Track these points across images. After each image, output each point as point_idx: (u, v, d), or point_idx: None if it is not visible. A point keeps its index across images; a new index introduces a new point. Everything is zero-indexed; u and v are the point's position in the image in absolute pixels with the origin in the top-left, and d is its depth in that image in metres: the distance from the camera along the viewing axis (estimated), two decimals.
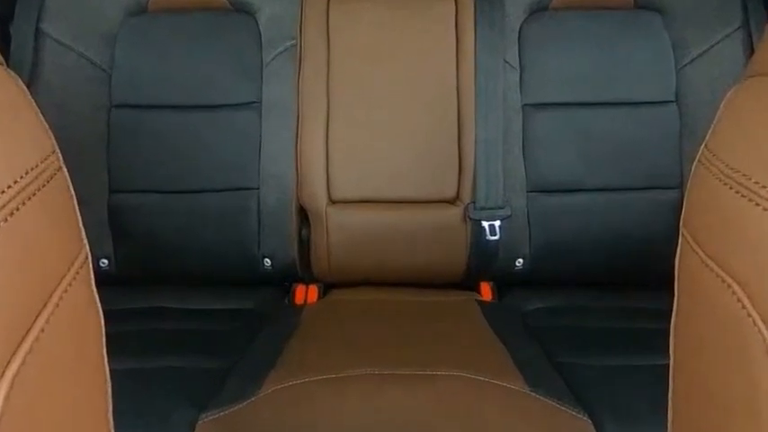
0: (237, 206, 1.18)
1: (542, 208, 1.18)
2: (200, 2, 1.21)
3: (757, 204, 0.30)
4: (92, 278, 0.35)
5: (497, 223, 1.16)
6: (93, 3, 1.19)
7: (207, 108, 1.18)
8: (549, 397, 0.84)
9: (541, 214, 1.18)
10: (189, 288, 1.19)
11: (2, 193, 0.25)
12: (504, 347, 0.96)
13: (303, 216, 1.21)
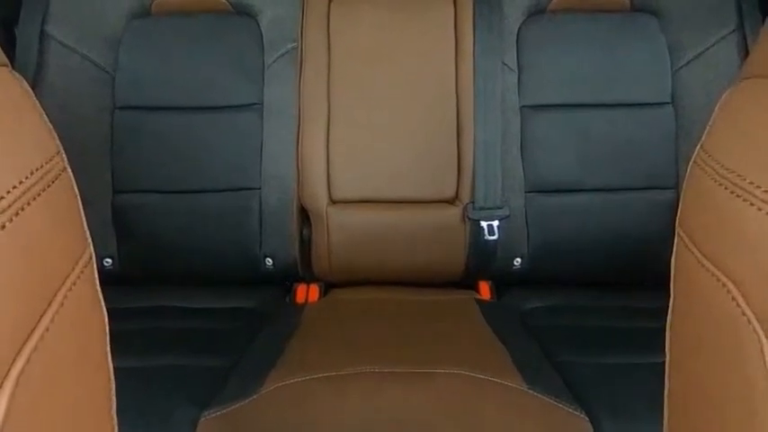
0: (239, 206, 1.18)
1: (540, 208, 1.18)
2: (202, 5, 1.21)
3: (752, 204, 0.30)
4: (96, 277, 0.35)
5: (496, 223, 1.16)
6: (96, 6, 1.19)
7: (209, 109, 1.18)
8: (547, 395, 0.85)
9: (539, 214, 1.18)
10: (191, 287, 1.19)
11: (7, 194, 0.25)
12: (502, 346, 0.96)
13: (304, 216, 1.21)
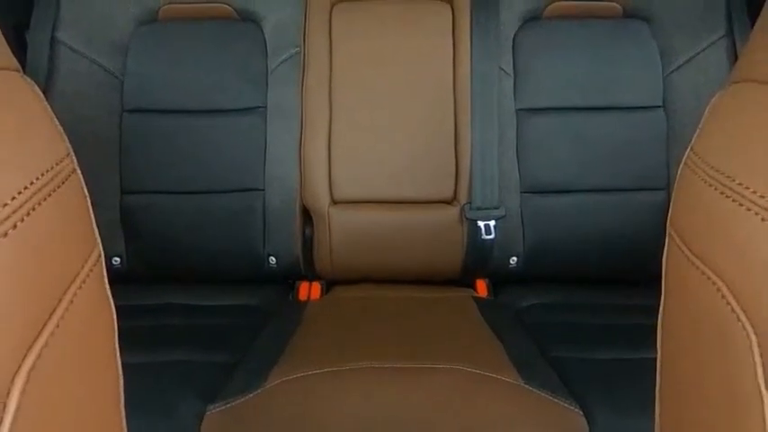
0: (244, 206, 1.18)
1: (535, 208, 1.18)
2: (208, 12, 1.21)
3: (741, 205, 0.30)
4: (104, 275, 0.35)
5: (492, 223, 1.16)
6: (105, 12, 1.19)
7: (214, 113, 1.18)
8: (543, 390, 0.84)
9: (534, 214, 1.18)
10: (197, 285, 1.19)
11: (18, 194, 0.25)
12: (499, 342, 0.96)
13: (306, 216, 1.21)
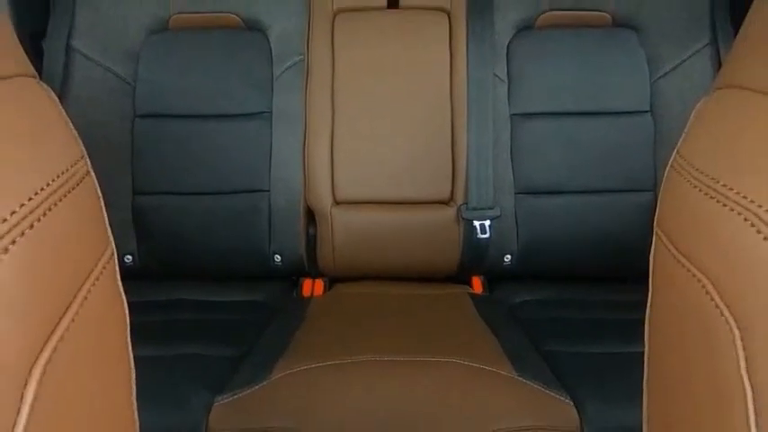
0: (250, 207, 1.18)
1: (529, 208, 1.18)
2: (215, 21, 1.20)
3: (725, 206, 0.30)
4: (117, 273, 0.35)
5: (487, 222, 1.15)
6: (118, 22, 1.19)
7: (222, 117, 1.18)
8: (535, 382, 0.84)
9: (528, 214, 1.18)
10: (205, 282, 1.19)
11: (35, 195, 0.25)
12: (494, 337, 0.96)
13: (310, 216, 1.21)
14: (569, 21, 1.20)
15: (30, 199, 0.25)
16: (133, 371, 0.36)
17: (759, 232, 0.27)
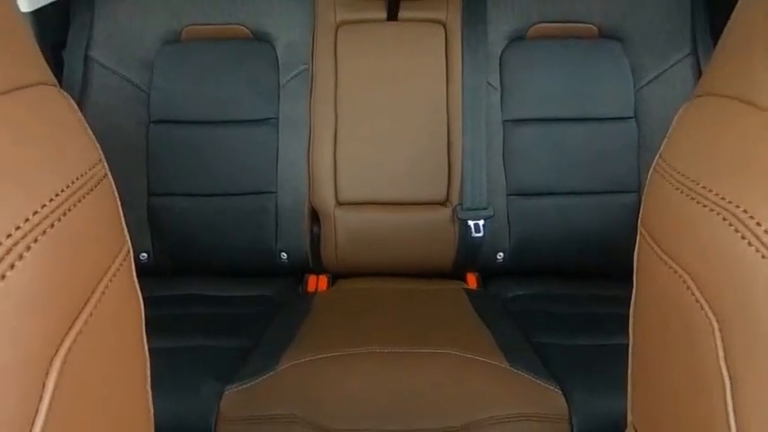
0: (258, 207, 1.18)
1: (520, 209, 1.18)
2: (225, 32, 1.20)
3: (705, 206, 0.30)
4: (133, 269, 0.35)
5: (481, 222, 1.15)
6: (134, 33, 1.19)
7: (232, 123, 1.18)
8: (527, 372, 0.84)
9: (519, 214, 1.18)
10: (216, 278, 1.19)
11: (56, 196, 0.25)
12: (487, 329, 0.96)
13: (314, 216, 1.21)
14: (558, 32, 1.20)
15: (50, 200, 0.25)
16: (148, 361, 0.36)
17: (737, 231, 0.27)
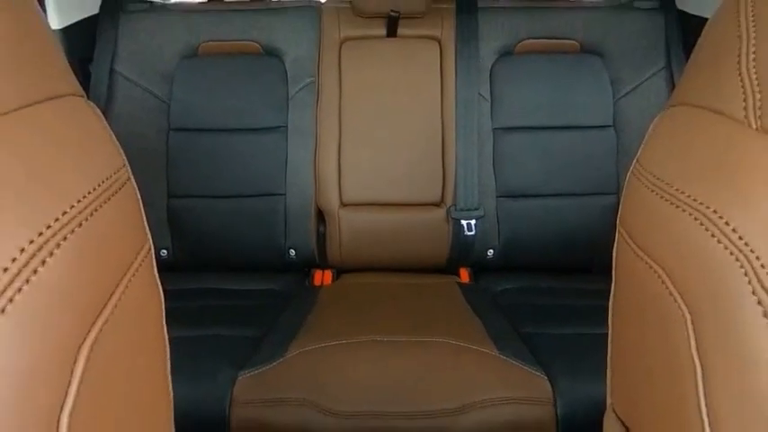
0: (268, 208, 1.18)
1: (509, 210, 1.18)
2: (239, 48, 1.21)
3: (677, 207, 0.30)
4: (154, 265, 0.35)
5: (473, 222, 1.15)
6: (155, 49, 1.19)
7: (244, 131, 1.18)
8: (515, 359, 0.84)
9: (508, 215, 1.18)
10: (230, 273, 1.19)
11: (83, 198, 0.25)
12: (479, 320, 0.96)
13: (320, 216, 1.21)
14: (544, 48, 1.20)
15: (78, 201, 0.25)
16: (168, 350, 0.36)
17: (707, 230, 0.27)
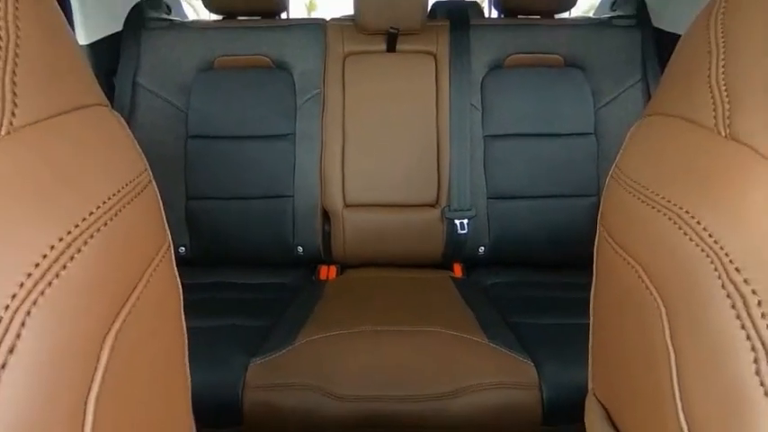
0: (278, 209, 1.18)
1: (498, 210, 1.18)
2: (251, 62, 1.21)
3: (653, 208, 0.30)
4: (173, 261, 0.35)
5: (465, 221, 1.16)
6: (174, 62, 1.19)
7: (256, 138, 1.18)
8: (503, 347, 0.85)
9: (498, 215, 1.18)
10: (242, 268, 1.19)
11: (108, 199, 0.25)
12: (471, 311, 0.96)
13: (325, 216, 1.21)
14: (530, 61, 1.20)
15: (103, 202, 0.25)
16: (186, 338, 0.36)
17: (680, 229, 0.27)
